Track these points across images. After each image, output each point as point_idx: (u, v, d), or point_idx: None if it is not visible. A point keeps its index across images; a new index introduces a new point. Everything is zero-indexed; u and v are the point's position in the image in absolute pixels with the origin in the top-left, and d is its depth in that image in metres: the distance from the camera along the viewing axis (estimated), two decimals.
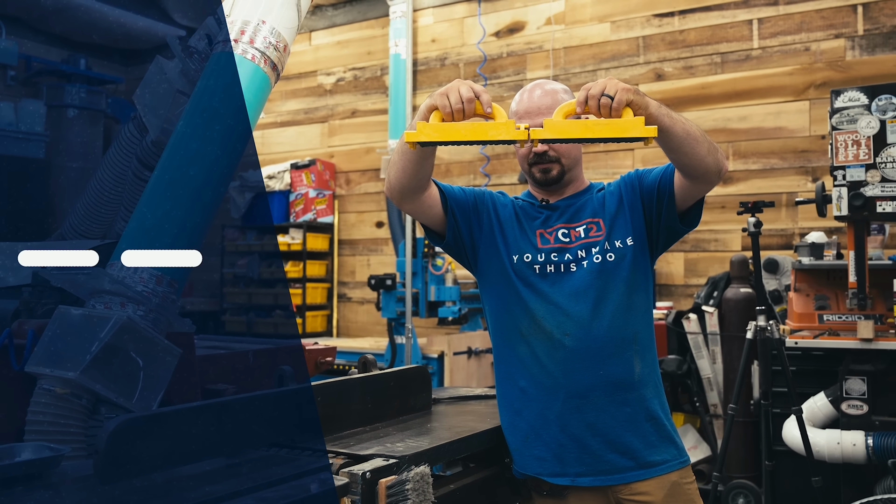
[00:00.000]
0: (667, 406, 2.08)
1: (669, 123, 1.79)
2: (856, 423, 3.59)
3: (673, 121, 1.80)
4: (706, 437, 4.83)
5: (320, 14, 7.34)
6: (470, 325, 5.90)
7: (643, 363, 2.02)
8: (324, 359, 3.27)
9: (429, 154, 1.92)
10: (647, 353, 2.05)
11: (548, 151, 2.08)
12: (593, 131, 1.68)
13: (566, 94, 2.13)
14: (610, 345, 1.99)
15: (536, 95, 2.10)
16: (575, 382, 1.98)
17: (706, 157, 1.85)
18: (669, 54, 5.66)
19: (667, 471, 1.99)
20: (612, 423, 1.98)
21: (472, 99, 1.73)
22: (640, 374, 2.01)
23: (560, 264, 2.04)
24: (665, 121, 1.78)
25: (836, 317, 3.97)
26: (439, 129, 1.71)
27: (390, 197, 2.01)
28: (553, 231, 2.09)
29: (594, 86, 1.72)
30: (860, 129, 3.42)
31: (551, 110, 2.05)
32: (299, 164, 7.01)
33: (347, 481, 1.56)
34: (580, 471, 1.98)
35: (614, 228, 2.05)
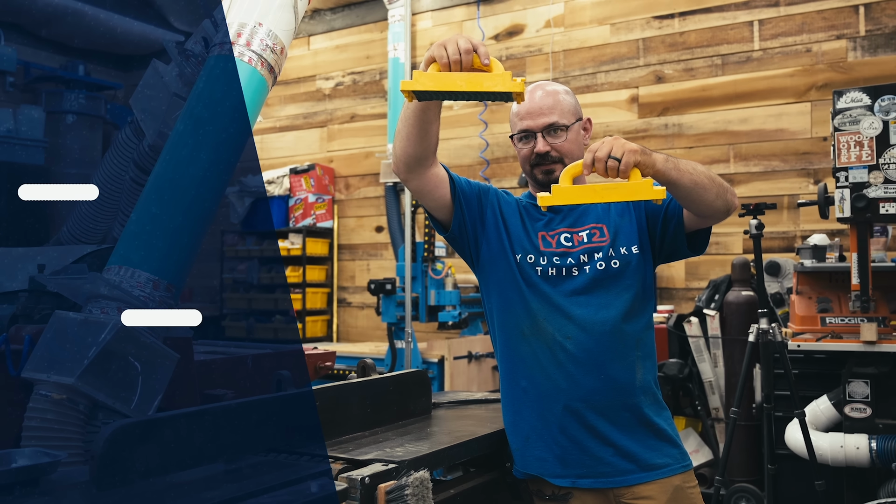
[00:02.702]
0: (667, 410, 2.08)
1: (677, 177, 1.81)
2: (859, 427, 3.58)
3: (680, 173, 1.82)
4: (708, 441, 4.82)
5: (319, 18, 7.34)
6: (470, 330, 5.88)
7: (644, 369, 2.02)
8: (323, 363, 3.26)
9: (432, 117, 1.90)
10: (648, 360, 2.05)
11: (550, 152, 2.08)
12: (602, 196, 1.72)
13: (567, 94, 2.14)
14: (612, 350, 1.98)
15: (538, 96, 2.10)
16: (575, 386, 1.97)
17: (715, 202, 1.88)
18: (669, 56, 5.65)
19: (669, 474, 1.99)
20: (612, 426, 1.97)
21: (470, 50, 1.71)
22: (641, 380, 2.01)
23: (562, 268, 2.03)
24: (672, 175, 1.80)
25: (838, 319, 3.95)
26: (435, 78, 1.70)
27: (397, 172, 1.99)
28: (556, 234, 2.08)
29: (600, 147, 1.73)
30: (863, 130, 3.41)
31: (553, 111, 2.07)
32: (298, 169, 7.00)
33: (346, 486, 1.55)
34: (581, 472, 1.98)
35: (619, 235, 2.05)
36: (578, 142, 2.12)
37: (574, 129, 2.11)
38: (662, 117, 5.58)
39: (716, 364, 4.77)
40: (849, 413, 3.60)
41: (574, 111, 2.13)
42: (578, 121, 2.13)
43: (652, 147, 2.06)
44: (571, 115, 2.11)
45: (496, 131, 6.33)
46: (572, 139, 2.10)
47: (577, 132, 2.12)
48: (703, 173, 1.86)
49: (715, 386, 4.76)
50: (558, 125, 2.08)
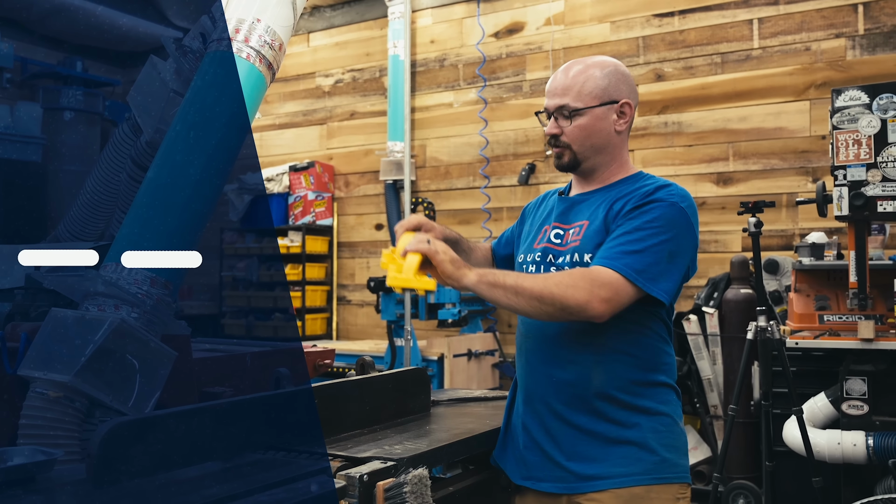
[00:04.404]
0: (641, 417, 1.88)
1: (488, 297, 1.79)
2: (856, 424, 3.58)
3: (493, 294, 1.78)
4: (706, 438, 4.82)
5: (318, 15, 7.33)
6: (470, 328, 5.88)
7: (606, 373, 1.87)
8: (322, 361, 3.26)
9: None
10: (614, 364, 1.88)
11: (559, 136, 1.97)
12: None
13: (602, 75, 1.97)
14: (564, 351, 1.90)
15: (559, 74, 2.01)
16: (531, 384, 1.96)
17: (539, 316, 1.80)
18: (669, 54, 5.64)
19: (629, 484, 1.84)
20: (569, 430, 1.88)
21: None
22: (599, 385, 1.87)
23: (541, 265, 1.98)
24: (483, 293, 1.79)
25: (836, 317, 3.96)
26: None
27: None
28: (551, 229, 2.03)
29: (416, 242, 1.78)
30: (861, 129, 3.41)
31: (567, 92, 1.96)
32: (298, 167, 6.99)
33: (345, 484, 1.55)
34: (540, 476, 1.92)
35: (590, 239, 1.92)
36: (596, 128, 1.95)
37: (593, 114, 1.94)
38: (662, 115, 5.57)
39: (714, 361, 4.77)
40: (846, 410, 3.61)
41: (598, 94, 1.95)
42: (604, 105, 1.95)
43: (651, 145, 2.04)
44: (592, 98, 1.94)
45: (496, 129, 6.33)
46: (586, 124, 1.95)
47: (596, 117, 1.95)
48: (531, 298, 1.75)
49: (713, 383, 4.76)
50: (569, 108, 1.95)
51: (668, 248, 1.82)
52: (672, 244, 1.83)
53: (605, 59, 2.02)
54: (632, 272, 1.76)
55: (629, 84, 2.01)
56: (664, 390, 1.92)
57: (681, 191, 1.91)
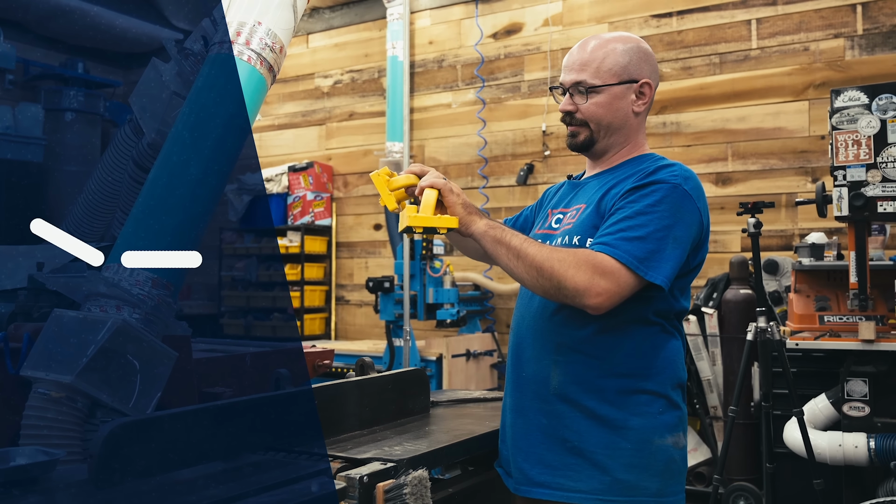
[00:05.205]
0: (600, 430, 1.75)
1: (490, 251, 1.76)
2: (857, 425, 3.58)
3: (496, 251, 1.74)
4: (706, 439, 4.82)
5: (317, 16, 7.34)
6: (468, 328, 5.88)
7: (566, 375, 1.77)
8: (321, 361, 3.27)
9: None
10: (577, 367, 1.77)
11: (575, 113, 1.89)
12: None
13: (623, 51, 1.87)
14: (532, 347, 1.84)
15: (576, 49, 1.91)
16: (511, 377, 1.92)
17: (534, 288, 1.73)
18: (667, 55, 5.65)
19: (573, 500, 1.73)
20: (534, 431, 1.81)
21: None
22: (558, 387, 1.77)
23: None
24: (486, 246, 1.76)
25: (836, 318, 3.95)
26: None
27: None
28: (554, 214, 1.97)
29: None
30: (860, 129, 3.41)
31: (585, 68, 1.86)
32: (297, 167, 7.00)
33: (345, 485, 1.55)
34: (518, 479, 1.86)
35: (582, 223, 1.84)
36: (614, 107, 1.86)
37: (611, 92, 1.85)
38: (660, 116, 5.58)
39: (714, 362, 4.77)
40: (847, 412, 3.61)
41: (618, 71, 1.85)
42: (623, 84, 1.86)
43: (650, 146, 2.02)
44: (611, 76, 1.85)
45: (495, 129, 6.33)
46: (603, 102, 1.85)
47: (614, 95, 1.86)
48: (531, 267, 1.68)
49: (713, 384, 4.76)
50: (586, 85, 1.85)
51: (670, 233, 1.71)
52: (675, 229, 1.72)
53: (627, 35, 1.92)
54: (633, 260, 1.66)
55: (651, 63, 1.91)
56: (646, 399, 1.76)
57: (684, 171, 1.80)
